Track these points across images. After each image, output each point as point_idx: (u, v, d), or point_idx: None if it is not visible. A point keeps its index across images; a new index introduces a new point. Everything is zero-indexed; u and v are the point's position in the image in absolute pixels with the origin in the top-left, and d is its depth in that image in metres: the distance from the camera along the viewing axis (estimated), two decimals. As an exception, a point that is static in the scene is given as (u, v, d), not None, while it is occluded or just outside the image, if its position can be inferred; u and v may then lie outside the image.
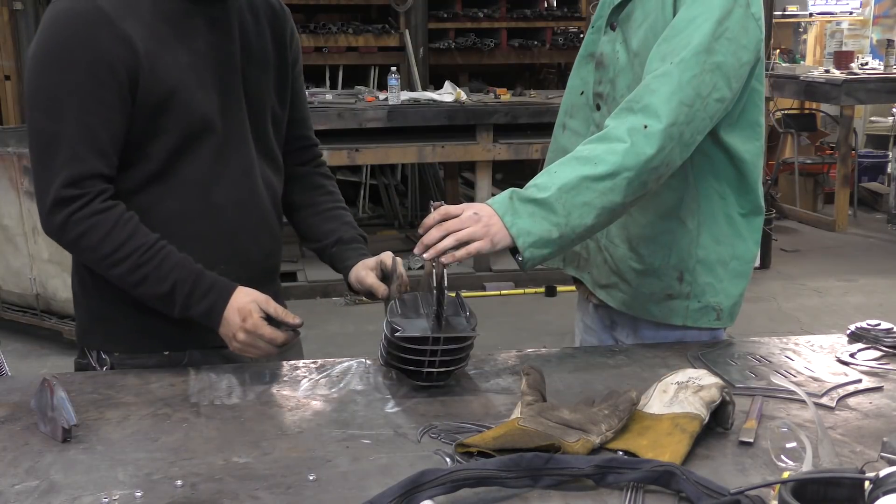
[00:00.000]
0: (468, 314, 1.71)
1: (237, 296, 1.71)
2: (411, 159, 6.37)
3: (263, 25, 1.88)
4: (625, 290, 1.91)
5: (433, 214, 1.63)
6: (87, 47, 1.64)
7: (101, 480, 1.33)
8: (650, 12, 1.78)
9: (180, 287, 1.70)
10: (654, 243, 1.87)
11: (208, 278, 1.72)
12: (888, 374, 1.74)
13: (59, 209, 1.68)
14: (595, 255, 1.95)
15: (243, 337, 1.69)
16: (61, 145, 1.66)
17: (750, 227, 1.89)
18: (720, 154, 1.82)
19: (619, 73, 1.84)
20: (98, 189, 1.68)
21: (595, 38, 1.93)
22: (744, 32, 1.71)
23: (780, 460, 1.36)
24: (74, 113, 1.65)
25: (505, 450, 1.33)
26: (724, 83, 1.70)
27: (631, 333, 1.97)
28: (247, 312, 1.68)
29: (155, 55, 1.68)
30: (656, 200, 1.82)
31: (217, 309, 1.71)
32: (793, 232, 7.52)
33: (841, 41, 9.49)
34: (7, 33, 6.54)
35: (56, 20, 1.67)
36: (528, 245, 1.63)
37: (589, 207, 1.64)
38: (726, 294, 1.89)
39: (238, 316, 1.69)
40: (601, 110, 1.89)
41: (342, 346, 4.87)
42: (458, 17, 7.98)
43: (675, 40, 1.69)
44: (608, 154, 1.65)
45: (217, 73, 1.77)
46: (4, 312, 5.12)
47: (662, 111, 1.65)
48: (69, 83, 1.65)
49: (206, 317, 1.71)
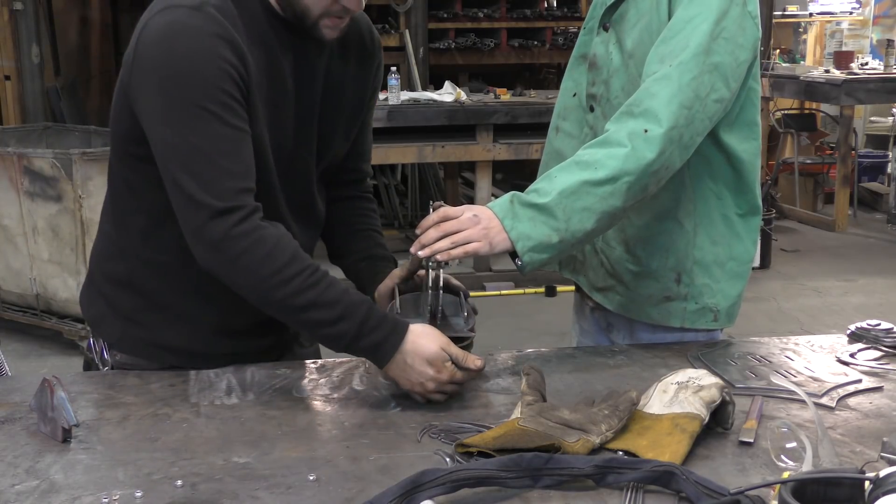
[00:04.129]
0: (467, 314, 1.71)
1: (422, 342, 1.57)
2: (411, 159, 6.37)
3: (350, 65, 1.80)
4: (622, 293, 1.91)
5: (432, 215, 1.63)
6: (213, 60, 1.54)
7: (101, 480, 1.33)
8: (644, 13, 1.77)
9: (350, 315, 1.55)
10: (652, 245, 1.86)
11: (378, 310, 1.60)
12: (888, 374, 1.74)
13: (216, 222, 1.53)
14: (591, 258, 1.95)
15: (433, 387, 1.57)
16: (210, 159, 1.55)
17: (747, 227, 1.88)
18: (718, 154, 1.82)
19: (612, 74, 1.83)
20: (254, 204, 1.57)
21: (587, 39, 1.92)
22: (741, 31, 1.71)
23: (780, 460, 1.36)
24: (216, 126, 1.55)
25: (505, 450, 1.33)
26: (723, 83, 1.69)
27: (627, 336, 1.96)
28: (440, 365, 1.56)
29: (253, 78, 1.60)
30: (653, 202, 1.81)
31: (390, 344, 1.56)
32: (793, 232, 7.52)
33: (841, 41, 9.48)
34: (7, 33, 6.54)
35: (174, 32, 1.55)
36: (527, 249, 1.63)
37: (589, 212, 1.64)
38: (724, 295, 1.89)
39: (430, 368, 1.56)
40: (595, 112, 1.88)
41: (342, 346, 4.86)
42: (458, 17, 7.99)
43: (672, 42, 1.69)
44: (608, 159, 1.64)
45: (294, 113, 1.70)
46: (4, 312, 5.12)
47: (663, 115, 1.64)
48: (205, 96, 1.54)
49: (375, 350, 1.57)
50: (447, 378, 1.57)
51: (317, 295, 1.55)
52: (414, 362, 1.56)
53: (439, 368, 1.56)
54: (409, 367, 1.56)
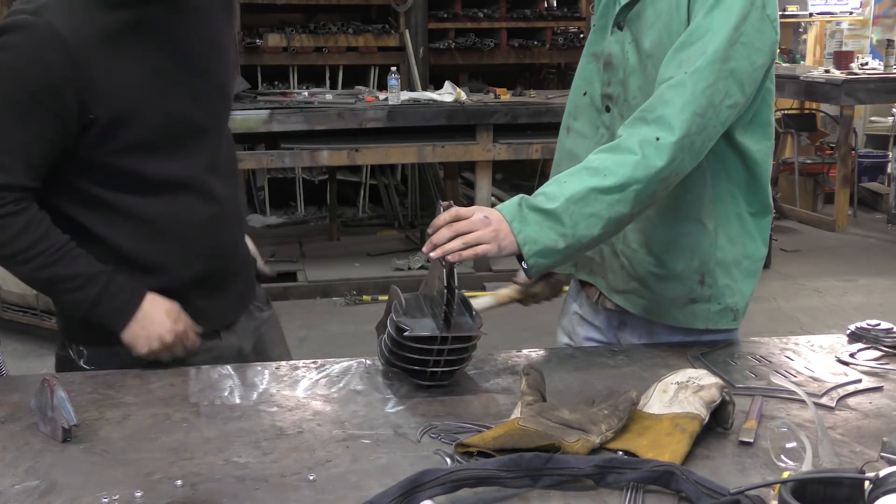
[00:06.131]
0: (474, 314, 1.72)
1: (159, 299, 1.77)
2: (411, 159, 6.36)
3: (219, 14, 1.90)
4: (646, 296, 1.88)
5: (444, 214, 1.63)
6: (36, 69, 1.65)
7: (101, 480, 1.33)
8: (662, 12, 1.74)
9: (90, 284, 1.73)
10: (676, 247, 1.84)
11: (119, 279, 1.76)
12: (888, 374, 1.74)
13: None
14: (610, 261, 1.91)
15: (170, 338, 1.76)
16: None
17: (759, 226, 1.88)
18: (733, 155, 1.81)
19: (629, 74, 1.81)
20: (14, 197, 1.70)
21: (598, 37, 1.90)
22: (759, 35, 1.69)
23: (780, 460, 1.36)
24: (8, 127, 1.69)
25: (505, 450, 1.33)
26: (738, 89, 1.68)
27: (645, 336, 1.93)
28: (177, 315, 1.77)
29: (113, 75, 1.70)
30: (676, 204, 1.80)
31: (131, 305, 1.75)
32: (793, 232, 7.52)
33: (841, 41, 9.48)
34: None
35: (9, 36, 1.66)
36: (532, 253, 1.63)
37: (596, 218, 1.64)
38: (741, 294, 1.88)
39: (168, 318, 1.76)
40: (611, 112, 1.86)
41: (342, 346, 4.87)
42: (458, 17, 7.98)
43: (691, 48, 1.67)
44: (618, 166, 1.64)
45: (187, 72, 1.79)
46: (4, 312, 5.12)
47: (676, 123, 1.64)
48: (10, 99, 1.68)
49: (119, 313, 1.75)
50: (183, 329, 1.77)
51: (57, 270, 1.73)
52: (154, 314, 1.76)
53: (176, 319, 1.77)
54: (149, 321, 1.75)
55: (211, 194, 1.84)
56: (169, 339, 1.76)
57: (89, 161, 1.73)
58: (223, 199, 1.87)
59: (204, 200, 1.83)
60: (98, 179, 1.75)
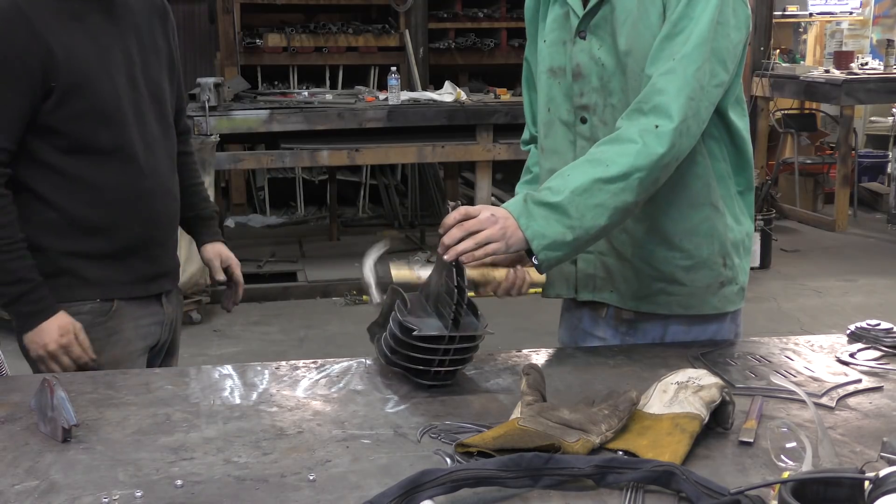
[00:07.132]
0: (479, 314, 1.72)
1: (63, 317, 2.00)
2: (411, 159, 6.37)
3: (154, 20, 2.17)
4: (677, 292, 1.88)
5: (453, 213, 1.64)
6: (5, 41, 1.92)
7: (101, 480, 1.33)
8: (633, 8, 1.76)
9: (19, 284, 1.97)
10: (698, 234, 1.85)
11: (45, 292, 1.99)
12: (888, 374, 1.74)
13: None
14: (619, 272, 1.89)
15: (54, 348, 1.98)
16: None
17: (746, 203, 1.92)
18: (724, 134, 1.84)
19: (609, 78, 1.81)
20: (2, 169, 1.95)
21: (554, 51, 1.87)
22: (733, 13, 1.74)
23: (780, 460, 1.36)
24: None
25: (505, 450, 1.33)
26: (721, 67, 1.72)
27: (658, 336, 1.92)
28: (66, 331, 1.99)
29: (69, 49, 1.95)
30: (687, 193, 1.82)
31: (40, 316, 1.99)
32: (793, 232, 7.52)
33: (841, 41, 9.48)
34: None
35: None
36: (542, 247, 1.64)
37: (602, 209, 1.65)
38: (745, 273, 1.93)
39: (57, 332, 1.98)
40: (588, 122, 1.85)
41: (342, 346, 4.87)
42: (458, 17, 7.98)
43: (678, 38, 1.70)
44: (620, 156, 1.66)
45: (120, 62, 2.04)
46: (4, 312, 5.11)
47: (673, 109, 1.67)
48: None
49: (28, 317, 1.99)
50: (67, 342, 1.98)
51: (2, 259, 1.95)
52: (50, 327, 1.98)
53: (65, 334, 1.98)
54: (44, 332, 1.98)
55: (152, 169, 2.08)
56: (52, 348, 1.98)
57: (47, 127, 1.96)
58: (161, 176, 2.11)
59: (144, 173, 2.06)
60: (53, 145, 1.98)
